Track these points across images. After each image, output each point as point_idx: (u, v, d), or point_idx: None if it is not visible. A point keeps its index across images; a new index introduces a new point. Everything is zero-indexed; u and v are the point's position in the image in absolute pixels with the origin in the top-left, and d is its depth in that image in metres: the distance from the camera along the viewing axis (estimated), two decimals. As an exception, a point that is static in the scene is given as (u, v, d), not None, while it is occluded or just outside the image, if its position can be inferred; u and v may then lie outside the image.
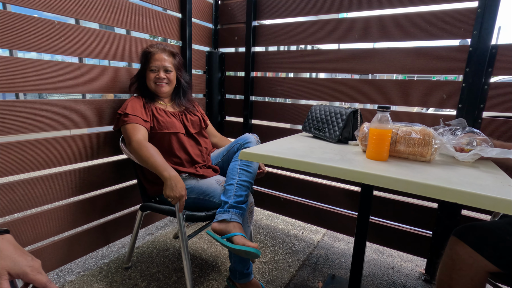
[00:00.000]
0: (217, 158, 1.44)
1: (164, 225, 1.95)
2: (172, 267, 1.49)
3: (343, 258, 1.65)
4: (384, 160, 0.85)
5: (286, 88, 1.82)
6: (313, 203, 1.84)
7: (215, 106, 2.06)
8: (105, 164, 1.45)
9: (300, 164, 0.83)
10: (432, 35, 1.35)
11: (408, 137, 0.86)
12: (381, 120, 0.83)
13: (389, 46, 1.47)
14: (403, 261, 1.67)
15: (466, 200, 0.62)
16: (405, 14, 1.40)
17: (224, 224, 1.08)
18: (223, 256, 1.62)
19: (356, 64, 1.56)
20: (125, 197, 1.58)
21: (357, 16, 1.53)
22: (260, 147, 0.98)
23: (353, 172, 0.74)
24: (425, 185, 0.66)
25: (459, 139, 0.91)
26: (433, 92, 1.39)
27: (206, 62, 2.00)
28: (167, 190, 1.09)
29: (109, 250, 1.62)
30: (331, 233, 1.96)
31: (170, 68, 1.34)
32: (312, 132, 1.27)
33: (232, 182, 1.17)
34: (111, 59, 1.40)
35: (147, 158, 1.13)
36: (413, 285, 1.46)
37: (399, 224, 1.58)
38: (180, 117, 1.38)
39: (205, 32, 1.97)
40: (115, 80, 1.44)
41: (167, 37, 1.69)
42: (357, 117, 1.14)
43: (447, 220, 1.40)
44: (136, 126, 1.21)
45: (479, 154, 0.85)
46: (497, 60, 1.24)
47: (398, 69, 1.45)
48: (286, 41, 1.77)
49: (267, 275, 1.46)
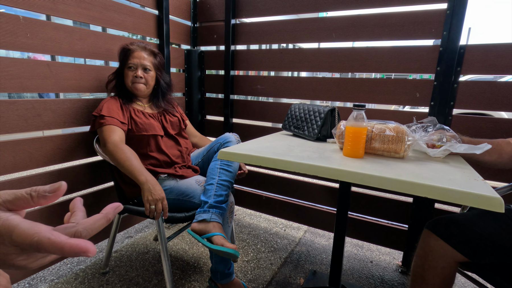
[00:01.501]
0: (197, 158, 1.42)
1: (144, 227, 1.90)
2: (152, 270, 1.46)
3: (324, 254, 1.68)
4: (360, 157, 0.87)
5: (267, 87, 1.82)
6: (295, 200, 1.85)
7: (195, 105, 2.03)
8: (79, 166, 1.39)
9: (278, 163, 0.83)
10: (406, 35, 1.40)
11: (383, 134, 0.88)
12: (356, 118, 0.84)
13: (366, 45, 1.51)
14: (381, 254, 1.73)
15: (436, 195, 0.64)
16: (380, 14, 1.44)
17: (203, 224, 1.07)
18: (205, 257, 1.60)
19: (335, 63, 1.58)
20: (102, 199, 1.52)
21: (334, 16, 1.56)
22: (239, 146, 0.98)
23: (330, 169, 0.76)
24: (398, 181, 0.68)
25: (431, 135, 0.94)
26: (407, 90, 1.44)
27: (185, 61, 1.97)
28: (146, 194, 1.06)
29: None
30: (312, 230, 1.98)
31: (149, 67, 1.30)
32: (291, 131, 1.28)
33: (212, 182, 1.16)
34: (83, 57, 1.35)
35: (123, 161, 1.10)
36: (391, 277, 1.51)
37: (377, 219, 1.63)
38: (159, 118, 1.35)
39: (183, 29, 1.94)
40: (89, 79, 1.38)
41: (143, 35, 1.65)
42: (334, 115, 1.16)
43: (421, 214, 1.46)
44: (112, 128, 1.17)
45: (448, 150, 0.89)
46: (465, 59, 1.30)
47: (374, 68, 1.49)
48: (266, 39, 1.77)
49: (249, 274, 1.46)
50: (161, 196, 1.06)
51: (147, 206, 1.06)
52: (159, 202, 1.06)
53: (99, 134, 1.20)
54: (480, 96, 1.30)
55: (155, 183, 1.08)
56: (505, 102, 1.25)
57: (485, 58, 1.26)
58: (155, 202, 1.06)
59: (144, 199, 1.06)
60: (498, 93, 1.26)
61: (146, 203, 1.06)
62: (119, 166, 1.12)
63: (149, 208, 1.06)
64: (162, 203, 1.07)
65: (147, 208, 1.06)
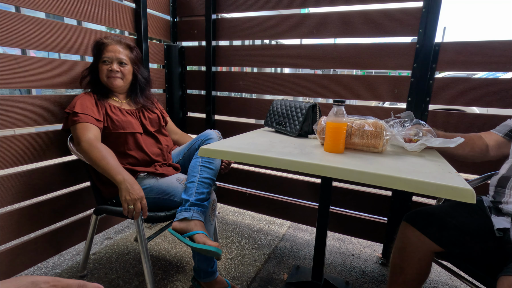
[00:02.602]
0: (178, 156, 1.39)
1: (124, 227, 1.85)
2: (133, 272, 1.42)
3: (307, 249, 1.70)
4: (341, 152, 0.88)
5: (249, 83, 1.81)
6: (278, 196, 1.86)
7: (176, 102, 1.99)
8: (53, 166, 1.33)
9: (260, 159, 0.82)
10: (384, 32, 1.42)
11: (362, 129, 0.90)
12: (336, 113, 0.85)
13: (347, 42, 1.53)
14: (362, 247, 1.77)
15: (413, 188, 0.65)
16: (360, 12, 1.45)
17: (185, 222, 1.05)
18: (187, 256, 1.58)
19: (316, 59, 1.59)
20: (78, 200, 1.46)
21: (315, 12, 1.56)
22: (220, 143, 0.96)
23: (311, 165, 0.76)
24: (377, 175, 0.69)
25: (407, 130, 0.97)
26: (386, 86, 1.47)
27: (165, 56, 1.92)
28: (124, 194, 1.02)
29: (61, 259, 1.50)
30: (296, 225, 2.00)
31: (125, 61, 1.25)
32: (273, 127, 1.27)
33: (193, 180, 1.14)
34: (54, 51, 1.28)
35: (98, 160, 1.05)
36: (372, 269, 1.55)
37: (357, 213, 1.66)
38: (137, 115, 1.31)
39: (162, 24, 1.88)
40: (62, 74, 1.31)
41: (120, 28, 1.59)
42: (316, 111, 1.16)
43: (399, 207, 1.50)
44: (87, 126, 1.12)
45: (424, 144, 0.92)
46: (440, 56, 1.34)
47: (354, 65, 1.51)
48: (248, 35, 1.75)
49: (233, 271, 1.46)
50: (139, 196, 1.03)
51: (125, 206, 1.03)
52: (138, 201, 1.03)
53: (73, 132, 1.14)
54: (454, 92, 1.35)
55: (133, 182, 1.05)
56: (477, 98, 1.31)
57: (458, 56, 1.31)
58: (133, 202, 1.02)
59: (122, 199, 1.03)
60: (471, 90, 1.31)
61: (124, 203, 1.03)
62: (94, 165, 1.08)
63: (128, 208, 1.02)
64: (141, 203, 1.04)
65: (125, 208, 1.03)
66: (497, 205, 0.92)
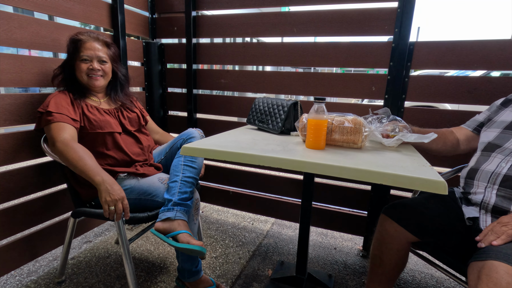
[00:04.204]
0: (159, 155, 1.36)
1: (104, 230, 1.80)
2: (114, 275, 1.39)
3: (291, 244, 1.73)
4: (322, 148, 0.90)
5: (231, 81, 1.80)
6: (261, 194, 1.87)
7: (156, 100, 1.95)
8: (25, 169, 1.27)
9: (243, 157, 0.83)
10: (362, 31, 1.46)
11: (342, 126, 0.92)
12: (317, 111, 0.87)
13: (326, 40, 1.56)
14: (344, 240, 1.82)
15: (390, 181, 0.68)
16: (339, 11, 1.48)
17: (168, 222, 1.04)
18: (171, 256, 1.56)
19: (297, 57, 1.61)
20: (54, 204, 1.40)
21: (296, 11, 1.58)
22: (203, 141, 0.96)
23: (293, 161, 0.77)
24: (356, 169, 0.71)
25: (385, 126, 1.00)
26: (364, 84, 1.51)
27: (144, 53, 1.87)
28: (104, 195, 1.00)
29: (37, 265, 1.44)
30: (279, 222, 2.03)
31: (105, 59, 1.21)
32: (256, 125, 1.28)
33: (175, 179, 1.12)
34: (23, 47, 1.21)
35: (75, 161, 1.01)
36: (353, 261, 1.60)
37: (339, 207, 1.71)
38: (116, 114, 1.27)
39: (140, 20, 1.83)
40: (32, 72, 1.25)
41: (96, 24, 1.53)
42: (297, 108, 1.18)
43: (378, 200, 1.56)
44: (62, 125, 1.07)
45: (401, 139, 0.96)
46: (414, 55, 1.40)
47: (333, 63, 1.54)
48: (229, 33, 1.74)
49: (218, 270, 1.45)
50: (120, 196, 1.01)
51: (105, 207, 1.00)
52: (119, 202, 1.00)
53: (47, 132, 1.09)
54: (428, 90, 1.41)
55: (113, 183, 1.02)
56: (449, 95, 1.38)
57: (431, 54, 1.37)
58: (114, 203, 1.00)
59: (102, 200, 1.00)
60: (443, 87, 1.38)
61: (105, 204, 1.00)
62: (71, 166, 1.04)
63: (108, 209, 1.00)
64: (122, 203, 1.01)
65: (106, 210, 1.00)
66: (467, 195, 0.98)
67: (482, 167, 0.95)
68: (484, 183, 0.93)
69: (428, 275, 1.50)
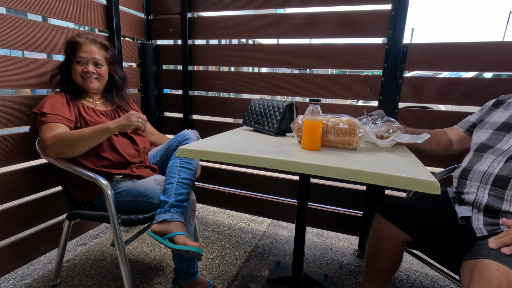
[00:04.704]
0: (155, 157, 1.36)
1: (100, 232, 1.79)
2: (110, 277, 1.38)
3: (287, 245, 1.74)
4: (317, 149, 0.91)
5: (227, 82, 1.81)
6: (258, 195, 1.88)
7: (152, 101, 1.94)
8: (20, 171, 1.25)
9: (239, 158, 0.83)
10: (357, 33, 1.48)
11: (337, 127, 0.93)
12: (313, 112, 0.88)
13: (322, 42, 1.57)
14: (340, 240, 1.83)
15: (384, 181, 0.69)
16: (333, 13, 1.50)
17: (165, 224, 1.04)
18: (167, 258, 1.55)
19: (293, 59, 1.62)
20: (49, 206, 1.39)
21: (291, 13, 1.59)
22: (199, 142, 0.96)
23: (289, 162, 0.78)
24: (351, 170, 0.72)
25: (379, 127, 1.02)
26: (359, 85, 1.53)
27: (139, 55, 1.87)
28: (122, 126, 1.07)
29: (31, 269, 1.42)
30: (275, 222, 2.03)
31: (101, 62, 1.21)
32: (252, 126, 1.28)
33: (172, 181, 1.12)
34: (18, 49, 1.20)
35: (73, 140, 1.04)
36: (349, 261, 1.61)
37: (334, 208, 1.72)
38: (112, 116, 1.26)
39: (136, 21, 1.83)
40: (28, 74, 1.24)
41: (91, 26, 1.52)
42: (293, 110, 1.19)
43: (373, 200, 1.57)
44: (55, 125, 1.07)
45: (395, 140, 0.97)
46: (408, 57, 1.42)
47: (328, 64, 1.55)
48: (224, 34, 1.74)
49: (215, 271, 1.46)
50: (129, 114, 1.09)
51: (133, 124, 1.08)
52: (133, 116, 1.09)
53: (40, 133, 1.09)
54: (421, 91, 1.43)
55: (122, 118, 1.09)
56: (442, 96, 1.40)
57: (424, 56, 1.39)
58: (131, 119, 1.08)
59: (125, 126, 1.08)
60: (436, 88, 1.40)
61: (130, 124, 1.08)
62: (73, 149, 1.05)
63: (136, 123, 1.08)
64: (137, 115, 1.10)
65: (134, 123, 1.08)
66: (460, 195, 0.99)
67: (474, 167, 0.97)
68: (476, 183, 0.94)
69: (423, 274, 1.52)
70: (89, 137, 1.05)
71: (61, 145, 1.04)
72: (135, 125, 1.08)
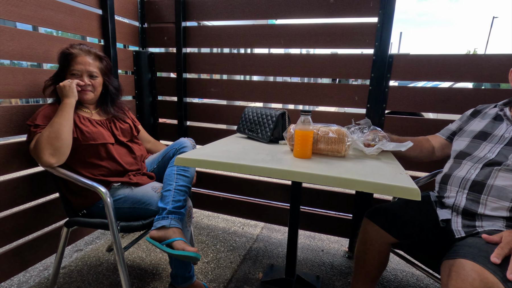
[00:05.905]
0: (152, 164, 1.40)
1: (95, 238, 1.80)
2: (107, 283, 1.40)
3: (281, 248, 1.79)
4: (308, 157, 0.96)
5: (221, 90, 1.85)
6: (251, 199, 1.93)
7: (147, 108, 1.97)
8: (16, 179, 1.27)
9: (234, 167, 0.88)
10: (345, 44, 1.55)
11: (327, 136, 0.99)
12: (304, 122, 0.93)
13: (312, 52, 1.64)
14: (331, 242, 1.89)
15: (370, 189, 0.75)
16: (323, 25, 1.57)
17: (163, 230, 1.07)
18: (163, 263, 1.58)
19: (284, 68, 1.68)
20: (45, 213, 1.41)
21: (283, 24, 1.65)
22: (195, 151, 1.00)
23: (281, 171, 0.83)
24: (340, 178, 0.78)
25: (366, 136, 1.08)
26: (348, 94, 1.60)
27: (134, 62, 1.90)
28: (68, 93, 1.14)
29: (27, 276, 1.43)
30: (269, 226, 2.08)
31: (95, 74, 1.22)
32: (246, 133, 1.33)
33: (169, 188, 1.16)
34: (16, 59, 1.22)
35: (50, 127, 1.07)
36: (339, 262, 1.67)
37: (326, 211, 1.78)
38: (108, 125, 1.28)
39: (131, 30, 1.86)
40: (22, 83, 1.25)
41: (86, 35, 1.55)
42: (285, 118, 1.24)
43: (362, 204, 1.64)
44: None
45: (381, 148, 1.03)
46: (393, 67, 1.49)
47: (318, 74, 1.62)
48: (218, 43, 1.79)
49: (210, 274, 1.49)
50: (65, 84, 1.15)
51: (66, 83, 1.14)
52: (66, 85, 1.14)
53: (33, 145, 1.10)
54: (406, 99, 1.51)
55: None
56: (424, 104, 1.48)
57: (408, 67, 1.47)
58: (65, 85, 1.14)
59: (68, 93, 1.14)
60: (419, 97, 1.48)
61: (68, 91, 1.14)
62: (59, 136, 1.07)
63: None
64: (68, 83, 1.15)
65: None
66: (441, 199, 1.06)
67: (454, 173, 1.04)
68: (456, 187, 1.01)
69: (409, 273, 1.59)
70: (60, 119, 1.09)
71: (47, 140, 1.05)
72: (71, 86, 1.14)
